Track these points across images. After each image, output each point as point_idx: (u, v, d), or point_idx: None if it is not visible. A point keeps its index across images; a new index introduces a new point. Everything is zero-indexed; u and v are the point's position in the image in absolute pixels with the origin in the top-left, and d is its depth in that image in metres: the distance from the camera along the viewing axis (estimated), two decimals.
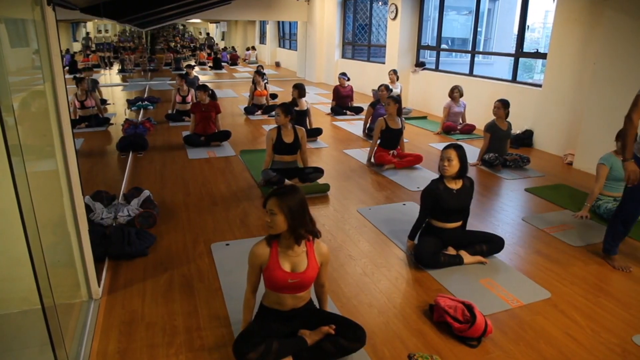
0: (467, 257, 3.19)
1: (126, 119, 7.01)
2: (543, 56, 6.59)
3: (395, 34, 9.79)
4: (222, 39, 30.41)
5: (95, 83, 8.28)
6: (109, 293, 2.79)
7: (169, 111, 8.15)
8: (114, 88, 11.10)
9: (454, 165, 3.10)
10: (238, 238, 3.55)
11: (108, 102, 9.35)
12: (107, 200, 3.91)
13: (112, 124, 7.47)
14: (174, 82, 9.39)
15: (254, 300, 2.26)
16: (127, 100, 9.41)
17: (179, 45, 27.27)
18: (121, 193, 4.34)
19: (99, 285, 2.76)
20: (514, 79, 7.30)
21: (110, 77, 10.62)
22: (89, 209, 3.66)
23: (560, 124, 6.13)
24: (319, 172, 4.70)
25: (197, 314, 2.59)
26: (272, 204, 2.04)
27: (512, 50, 7.39)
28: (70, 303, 2.57)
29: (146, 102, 9.18)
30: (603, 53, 5.16)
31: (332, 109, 8.71)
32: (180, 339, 2.39)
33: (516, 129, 6.48)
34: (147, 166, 5.34)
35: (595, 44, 5.40)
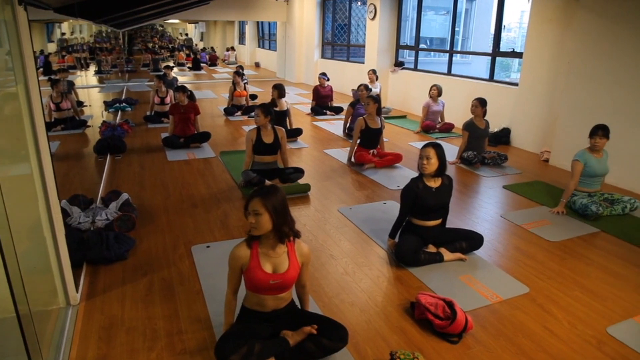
0: (447, 254, 3.22)
1: (103, 121, 6.91)
2: (519, 55, 6.70)
3: (374, 34, 9.84)
4: (201, 40, 30.16)
5: (71, 85, 8.12)
6: (87, 299, 2.74)
7: (148, 113, 8.05)
8: (90, 90, 10.92)
9: (433, 164, 3.13)
10: (218, 240, 3.52)
11: (84, 104, 9.17)
12: (84, 204, 3.85)
13: (89, 126, 7.32)
14: (152, 83, 9.29)
15: (235, 302, 2.25)
16: (105, 102, 9.25)
17: (157, 46, 26.94)
18: (99, 196, 4.28)
19: (77, 291, 2.71)
20: (491, 78, 7.41)
21: (86, 79, 10.42)
22: (65, 214, 3.59)
23: (537, 122, 6.25)
24: (299, 172, 4.70)
25: (178, 318, 2.57)
26: (256, 204, 2.03)
27: (489, 50, 7.49)
28: (47, 310, 2.52)
29: (124, 104, 9.05)
30: (576, 52, 5.28)
31: (312, 109, 8.71)
32: (162, 343, 2.36)
33: (494, 127, 6.57)
34: (125, 169, 5.27)
35: (570, 43, 5.51)
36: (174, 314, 2.60)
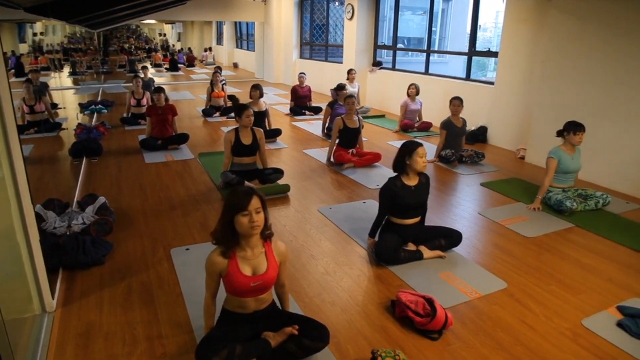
0: (426, 252, 3.25)
1: (79, 124, 6.78)
2: (495, 55, 6.81)
3: (352, 34, 9.88)
4: (178, 40, 29.84)
5: (45, 86, 7.94)
6: (63, 305, 2.68)
7: (124, 114, 7.93)
8: (65, 91, 10.71)
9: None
10: (198, 242, 3.49)
11: (59, 106, 8.99)
12: (59, 209, 3.77)
13: (64, 128, 7.19)
14: (129, 84, 9.14)
15: (214, 307, 2.23)
16: (80, 104, 9.09)
17: (133, 47, 26.56)
18: (75, 200, 4.20)
19: (53, 298, 2.65)
20: (467, 77, 7.51)
21: (60, 80, 10.22)
22: (40, 218, 3.51)
23: (513, 120, 6.35)
24: (279, 172, 4.69)
25: (157, 322, 2.53)
26: (257, 202, 2.04)
27: (466, 49, 7.59)
28: (22, 318, 2.46)
29: (100, 106, 8.89)
30: (550, 51, 5.39)
31: (291, 109, 8.70)
32: (141, 348, 2.33)
33: (471, 126, 6.66)
34: (101, 172, 5.18)
35: (543, 42, 5.62)
36: (153, 318, 2.56)
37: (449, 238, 3.35)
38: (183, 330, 2.46)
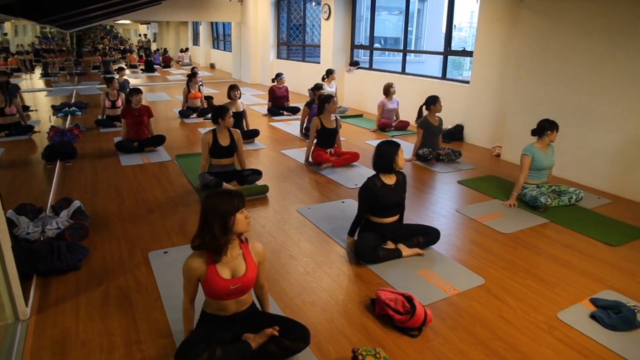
0: (405, 250, 3.28)
1: (52, 126, 6.62)
2: (470, 54, 6.90)
3: (329, 34, 9.90)
4: (154, 41, 29.43)
5: (16, 88, 7.75)
6: (38, 312, 2.62)
7: (99, 117, 7.79)
8: (36, 93, 10.48)
9: None
10: (176, 245, 3.45)
11: (31, 108, 8.79)
12: (32, 214, 3.68)
13: (36, 131, 7.03)
14: (104, 86, 8.97)
15: (193, 311, 2.21)
16: (53, 106, 8.89)
17: (107, 48, 26.10)
18: (49, 205, 4.11)
19: (27, 305, 2.59)
20: (444, 76, 7.60)
21: (32, 82, 9.99)
22: (12, 224, 3.43)
23: (488, 118, 6.45)
24: (257, 173, 4.67)
25: (136, 327, 2.50)
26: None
27: (441, 49, 7.67)
28: None
29: (73, 108, 8.72)
30: (523, 50, 5.49)
31: (268, 109, 8.67)
32: (119, 354, 2.29)
33: (447, 124, 6.74)
34: (76, 175, 5.08)
35: (517, 41, 5.72)
36: (131, 323, 2.53)
37: (427, 236, 3.39)
38: (162, 335, 2.44)
